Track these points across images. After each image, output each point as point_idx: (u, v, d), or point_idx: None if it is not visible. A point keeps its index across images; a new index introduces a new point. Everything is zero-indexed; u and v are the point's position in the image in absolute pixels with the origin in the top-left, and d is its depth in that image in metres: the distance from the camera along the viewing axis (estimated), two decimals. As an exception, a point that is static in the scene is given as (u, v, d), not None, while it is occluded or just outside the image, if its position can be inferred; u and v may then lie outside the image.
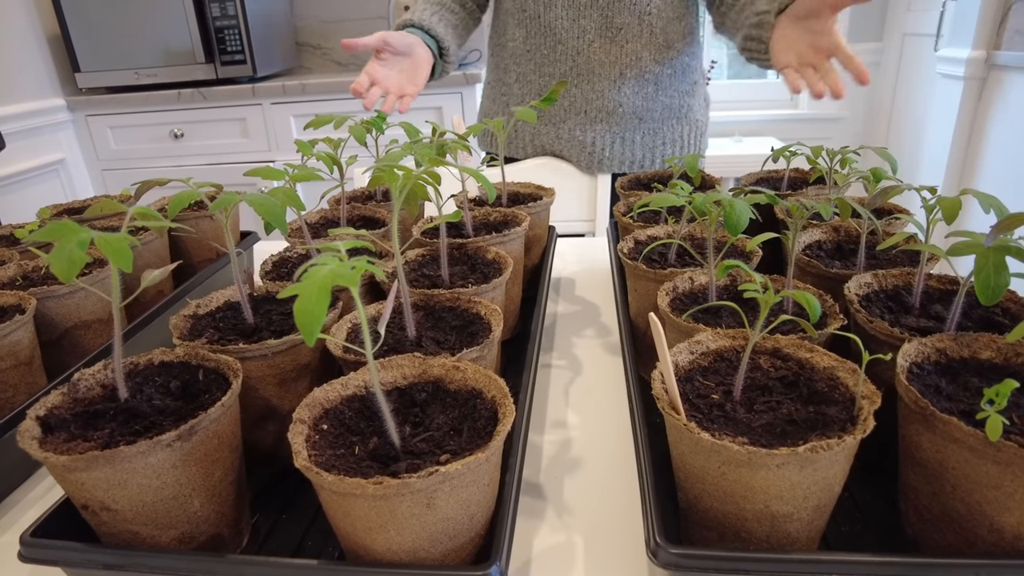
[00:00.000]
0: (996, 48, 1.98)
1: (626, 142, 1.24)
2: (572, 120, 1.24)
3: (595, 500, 0.55)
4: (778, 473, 0.39)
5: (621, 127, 1.23)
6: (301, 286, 0.33)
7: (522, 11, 1.19)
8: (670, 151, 1.26)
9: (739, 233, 0.50)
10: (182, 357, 0.52)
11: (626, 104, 1.21)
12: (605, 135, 1.23)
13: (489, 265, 0.69)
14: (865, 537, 0.50)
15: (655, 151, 1.26)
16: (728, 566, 0.39)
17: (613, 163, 1.26)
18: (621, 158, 1.26)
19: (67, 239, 0.36)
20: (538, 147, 1.30)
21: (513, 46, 1.24)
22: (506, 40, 1.25)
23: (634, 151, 1.25)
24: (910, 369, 0.46)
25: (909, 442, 0.44)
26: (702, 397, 0.45)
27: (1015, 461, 0.37)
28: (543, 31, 1.18)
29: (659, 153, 1.26)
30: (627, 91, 1.20)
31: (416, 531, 0.39)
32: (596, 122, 1.23)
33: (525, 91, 1.25)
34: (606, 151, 1.24)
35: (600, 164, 1.26)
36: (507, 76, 1.27)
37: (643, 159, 1.26)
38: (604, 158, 1.25)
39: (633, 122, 1.23)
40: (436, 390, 0.48)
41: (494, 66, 1.32)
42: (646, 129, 1.23)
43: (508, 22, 1.24)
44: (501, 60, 1.28)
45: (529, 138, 1.30)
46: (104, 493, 0.42)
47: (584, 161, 1.26)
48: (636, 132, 1.23)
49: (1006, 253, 0.43)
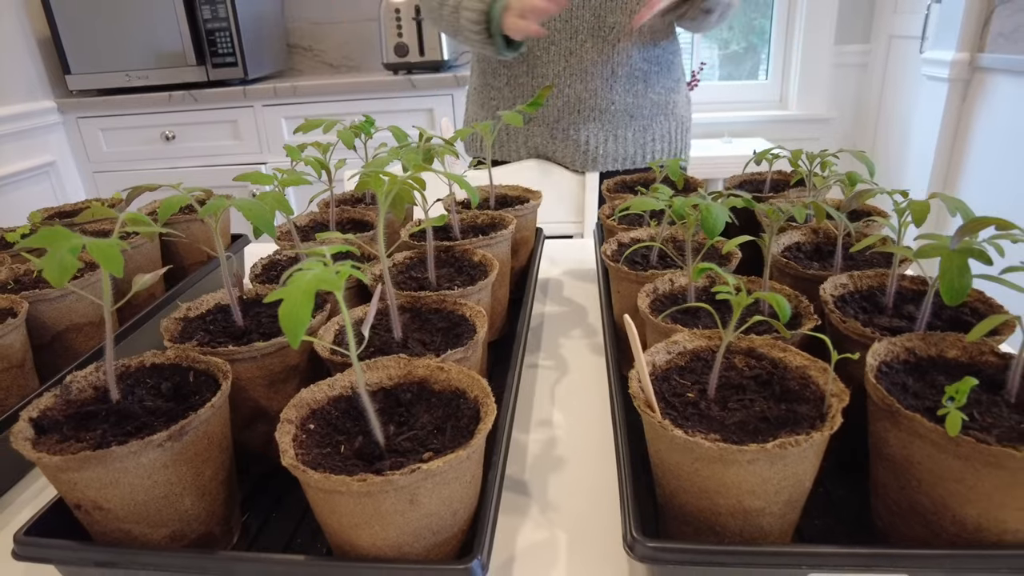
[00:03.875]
0: (980, 50, 2.00)
1: (618, 139, 1.26)
2: (566, 120, 1.26)
3: (579, 497, 0.56)
4: (749, 469, 0.40)
5: (613, 125, 1.25)
6: (286, 291, 0.35)
7: None
8: (659, 147, 1.29)
9: (716, 236, 0.52)
10: (173, 359, 0.53)
11: (618, 102, 1.23)
12: (598, 133, 1.26)
13: (476, 267, 0.71)
14: (838, 531, 0.51)
15: (645, 147, 1.28)
16: (701, 559, 0.41)
17: (607, 160, 1.28)
18: (614, 155, 1.28)
19: (59, 245, 0.37)
20: (531, 148, 1.32)
21: None
22: None
23: (626, 148, 1.27)
24: (879, 368, 0.48)
25: (877, 438, 0.46)
26: (678, 396, 0.46)
27: (974, 456, 0.39)
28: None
29: (649, 149, 1.29)
30: (619, 89, 1.22)
31: (400, 527, 0.40)
32: (589, 121, 1.25)
33: (517, 94, 1.27)
34: (599, 149, 1.27)
35: (594, 162, 1.28)
36: (496, 80, 1.29)
37: (634, 155, 1.28)
38: (598, 156, 1.27)
39: (625, 119, 1.25)
40: (421, 390, 0.49)
41: (481, 71, 1.33)
42: (637, 126, 1.26)
43: None
44: (489, 65, 1.30)
45: (523, 140, 1.31)
46: (96, 493, 0.43)
47: (578, 160, 1.28)
48: (628, 129, 1.26)
49: (969, 255, 0.45)
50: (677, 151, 1.32)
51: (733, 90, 3.00)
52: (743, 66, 3.04)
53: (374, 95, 2.34)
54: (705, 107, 2.90)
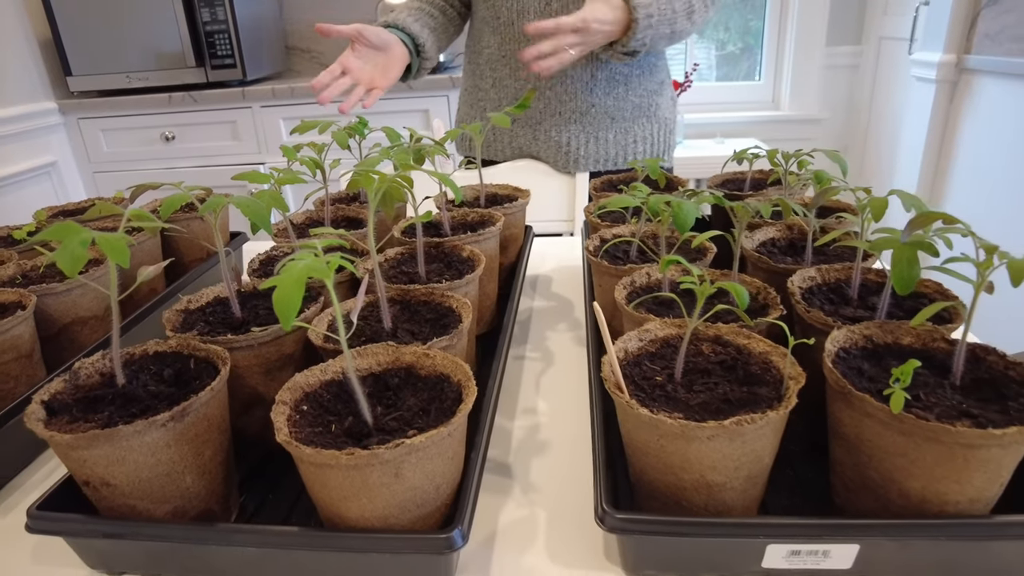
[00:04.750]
0: (966, 52, 2.04)
1: (600, 141, 1.29)
2: (548, 122, 1.29)
3: (558, 479, 0.59)
4: (710, 445, 0.43)
5: (595, 127, 1.28)
6: (279, 279, 0.38)
7: (496, 19, 1.24)
8: (641, 148, 1.32)
9: (686, 231, 0.55)
10: (174, 347, 0.56)
11: (598, 104, 1.26)
12: (579, 135, 1.29)
13: (464, 263, 0.74)
14: (804, 509, 0.54)
15: (627, 149, 1.31)
16: (664, 529, 0.44)
17: (588, 162, 1.31)
18: (596, 156, 1.31)
19: (71, 239, 0.40)
20: (516, 149, 1.35)
21: (488, 52, 1.29)
22: (482, 47, 1.30)
23: (607, 149, 1.30)
24: (837, 353, 0.51)
25: (834, 419, 0.49)
26: (647, 379, 0.50)
27: (915, 431, 0.42)
28: (517, 38, 1.23)
29: (631, 151, 1.32)
30: (599, 92, 1.25)
31: (386, 499, 0.43)
32: (570, 123, 1.28)
33: (502, 95, 1.30)
34: (581, 150, 1.30)
35: (576, 163, 1.31)
36: (483, 82, 1.32)
37: (616, 157, 1.31)
38: (579, 157, 1.31)
39: (606, 121, 1.28)
40: (408, 375, 0.52)
41: (470, 73, 1.37)
42: (618, 128, 1.29)
43: (483, 30, 1.29)
44: (477, 67, 1.33)
45: (507, 141, 1.35)
46: (104, 470, 0.46)
47: (560, 161, 1.31)
48: (609, 131, 1.29)
49: (919, 248, 0.48)
50: (660, 152, 1.35)
51: (727, 91, 3.04)
52: (739, 67, 3.07)
53: (371, 96, 2.37)
54: (699, 108, 2.94)
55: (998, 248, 0.44)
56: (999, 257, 0.43)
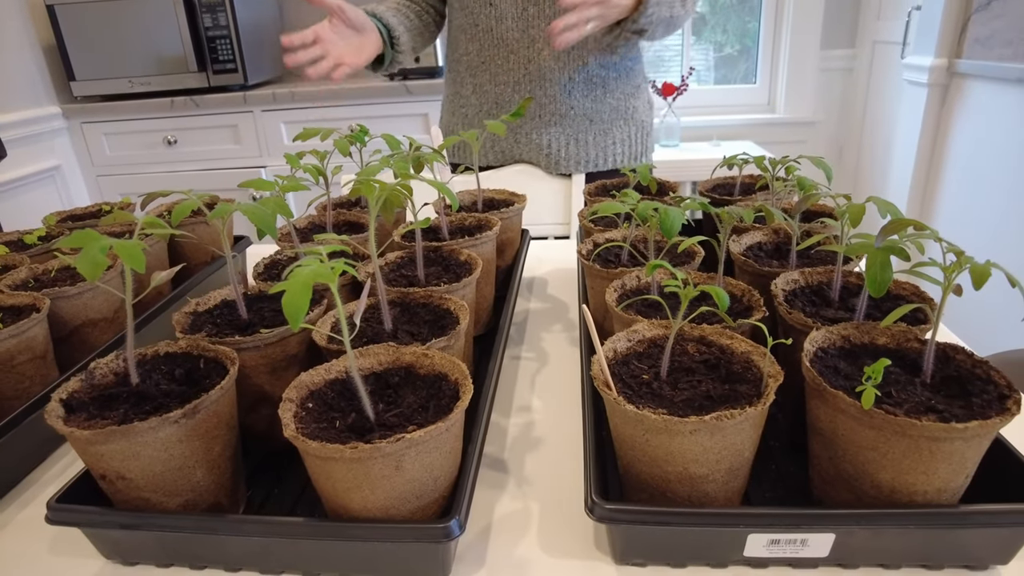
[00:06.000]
0: (957, 56, 2.07)
1: (580, 143, 1.33)
2: (528, 125, 1.32)
3: (552, 473, 0.62)
4: (692, 439, 0.46)
5: (574, 129, 1.32)
6: (287, 283, 0.40)
7: (475, 26, 1.27)
8: (620, 150, 1.35)
9: (673, 236, 0.58)
10: (184, 348, 0.58)
11: (577, 107, 1.30)
12: (559, 137, 1.32)
13: (461, 266, 0.77)
14: (784, 500, 0.57)
15: (607, 150, 1.35)
16: (650, 519, 0.47)
17: (569, 163, 1.35)
18: (576, 158, 1.34)
19: (91, 245, 0.43)
20: (498, 153, 1.38)
21: (468, 59, 1.32)
22: (460, 55, 1.34)
23: (587, 151, 1.34)
24: (816, 353, 0.54)
25: (812, 415, 0.52)
26: (635, 377, 0.52)
27: (885, 426, 0.44)
28: (495, 43, 1.26)
29: (611, 152, 1.35)
30: (577, 94, 1.29)
31: (387, 491, 0.46)
32: (550, 125, 1.31)
33: (482, 101, 1.33)
34: (561, 152, 1.33)
35: (557, 165, 1.35)
36: (463, 89, 1.35)
37: (596, 158, 1.35)
38: (560, 159, 1.34)
39: (584, 123, 1.31)
40: (407, 374, 0.55)
41: (451, 80, 1.40)
42: (597, 130, 1.32)
43: (460, 38, 1.32)
44: (457, 74, 1.37)
45: (490, 145, 1.38)
46: (120, 464, 0.48)
47: (543, 163, 1.35)
48: (588, 133, 1.32)
49: (891, 252, 0.51)
50: (638, 154, 1.38)
51: (723, 94, 3.06)
52: (737, 69, 3.10)
53: (371, 100, 2.40)
54: (696, 110, 2.96)
55: (963, 252, 0.47)
56: (963, 262, 0.46)
